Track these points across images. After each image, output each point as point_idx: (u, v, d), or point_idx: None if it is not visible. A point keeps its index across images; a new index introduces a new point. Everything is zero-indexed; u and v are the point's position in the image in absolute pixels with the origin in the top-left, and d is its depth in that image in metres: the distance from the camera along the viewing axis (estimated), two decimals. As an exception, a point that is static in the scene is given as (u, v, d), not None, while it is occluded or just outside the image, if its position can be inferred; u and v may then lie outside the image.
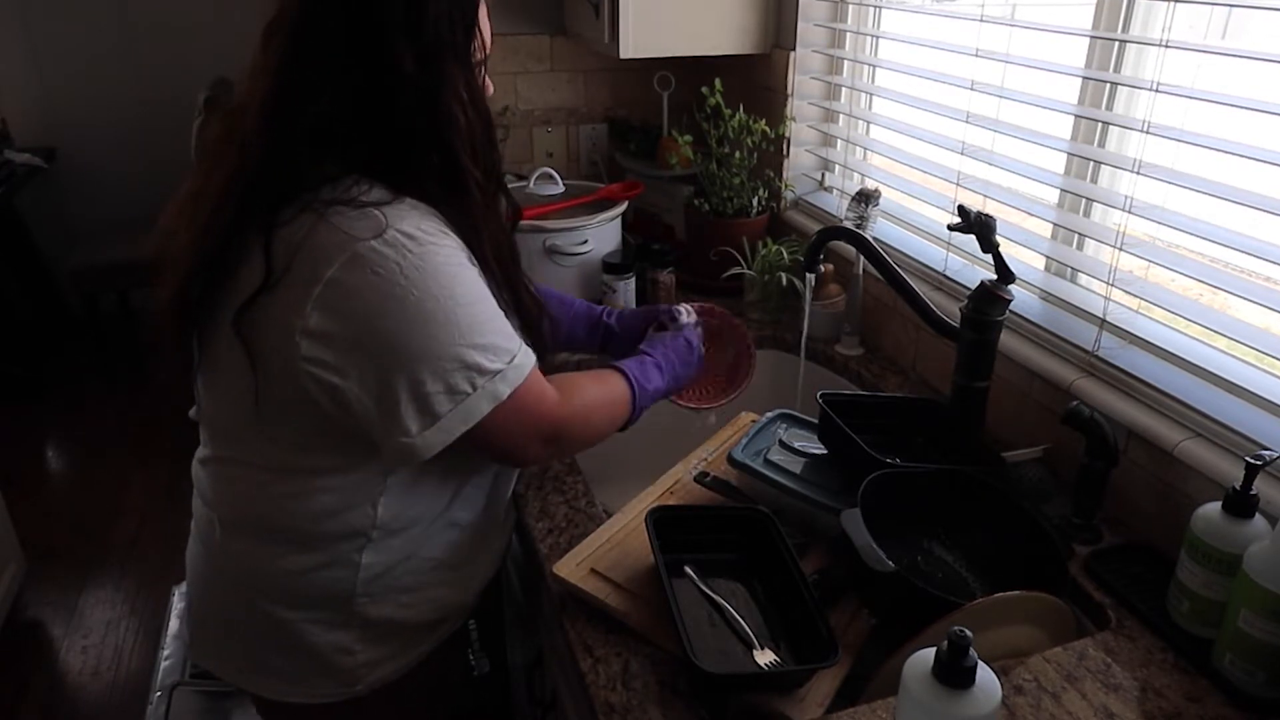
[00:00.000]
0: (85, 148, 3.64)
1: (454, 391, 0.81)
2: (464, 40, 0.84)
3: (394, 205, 0.80)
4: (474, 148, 0.86)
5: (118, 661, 2.15)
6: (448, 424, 0.82)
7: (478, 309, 0.83)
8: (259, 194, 0.81)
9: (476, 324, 0.82)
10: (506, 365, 0.84)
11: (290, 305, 0.79)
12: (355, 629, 0.93)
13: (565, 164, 2.01)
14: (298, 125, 0.81)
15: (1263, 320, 0.97)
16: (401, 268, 0.77)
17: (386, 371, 0.79)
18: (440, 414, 0.81)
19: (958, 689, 0.63)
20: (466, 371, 0.81)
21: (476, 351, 0.82)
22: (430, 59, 0.81)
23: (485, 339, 0.82)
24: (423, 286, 0.78)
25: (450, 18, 0.82)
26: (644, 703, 0.82)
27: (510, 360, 0.84)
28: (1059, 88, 1.17)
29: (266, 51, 0.83)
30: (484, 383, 0.82)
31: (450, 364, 0.80)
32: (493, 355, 0.83)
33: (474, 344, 0.81)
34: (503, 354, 0.84)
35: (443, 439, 0.82)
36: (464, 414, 0.82)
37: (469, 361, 0.81)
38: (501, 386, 0.83)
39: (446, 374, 0.80)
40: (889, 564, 0.83)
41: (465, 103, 0.84)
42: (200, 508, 0.97)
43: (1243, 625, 0.79)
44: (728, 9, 1.63)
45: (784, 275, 1.52)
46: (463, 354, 0.81)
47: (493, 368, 0.83)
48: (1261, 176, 0.91)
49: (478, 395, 0.82)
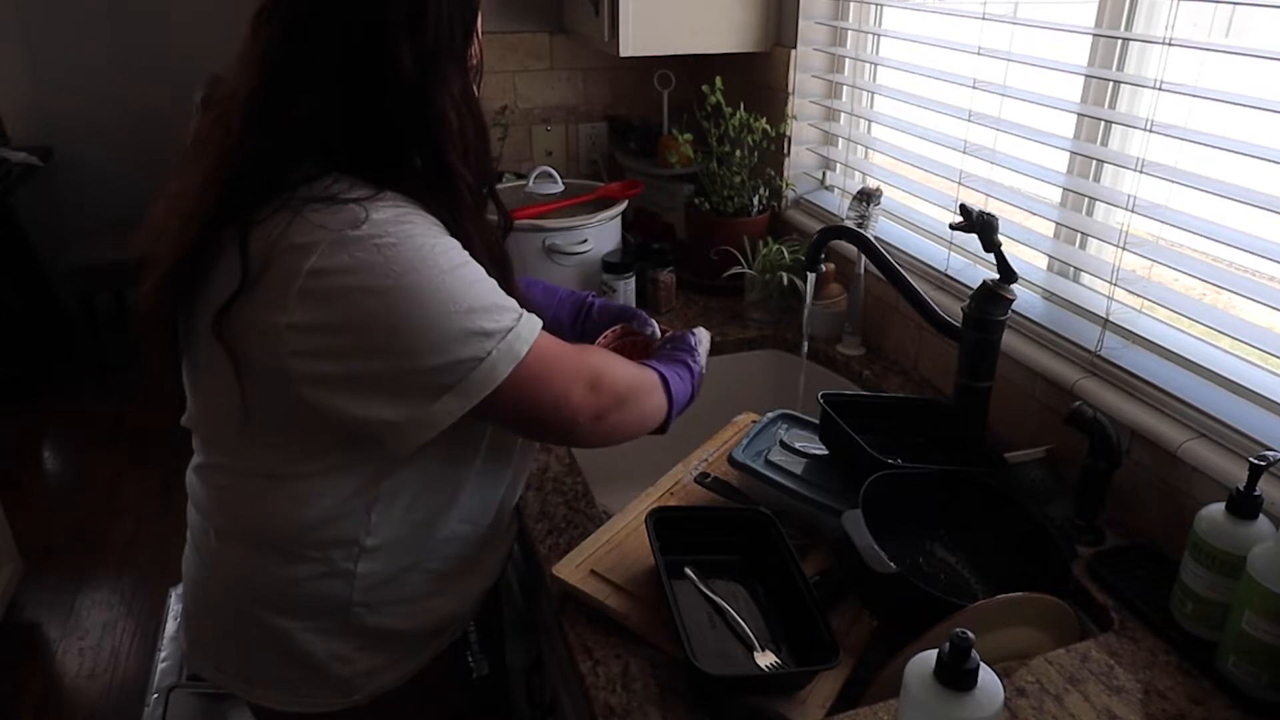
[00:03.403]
0: (81, 147, 3.63)
1: (468, 358, 0.78)
2: (463, 42, 0.83)
3: (372, 200, 0.78)
4: (465, 149, 0.84)
5: (114, 663, 2.14)
6: (462, 391, 0.78)
7: (466, 271, 0.79)
8: (238, 191, 0.79)
9: (467, 287, 0.79)
10: (515, 322, 0.80)
11: (270, 305, 0.77)
12: (352, 638, 0.92)
13: (565, 163, 2.00)
14: (282, 120, 0.79)
15: (1267, 320, 0.97)
16: (379, 248, 0.75)
17: (383, 354, 0.77)
18: (449, 384, 0.78)
19: (960, 691, 0.63)
20: (474, 335, 0.78)
21: (478, 315, 0.78)
22: (429, 58, 0.80)
23: (483, 300, 0.79)
24: (403, 261, 0.76)
25: (451, 19, 0.81)
26: (644, 704, 0.81)
27: (518, 316, 0.81)
28: (1062, 86, 1.17)
29: (255, 40, 0.80)
30: (494, 345, 0.78)
31: (450, 333, 0.77)
32: (496, 316, 0.79)
33: (471, 308, 0.78)
34: (507, 311, 0.80)
35: (457, 409, 0.79)
36: (480, 378, 0.78)
37: (471, 328, 0.78)
38: (518, 345, 0.80)
39: (448, 345, 0.77)
40: (890, 565, 0.83)
41: (459, 104, 0.83)
42: (194, 515, 0.95)
43: (1246, 627, 0.79)
44: (728, 6, 1.62)
45: (785, 275, 1.52)
46: (461, 320, 0.77)
47: (501, 327, 0.79)
48: (1265, 175, 0.91)
49: (494, 356, 0.78)
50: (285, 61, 0.79)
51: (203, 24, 3.55)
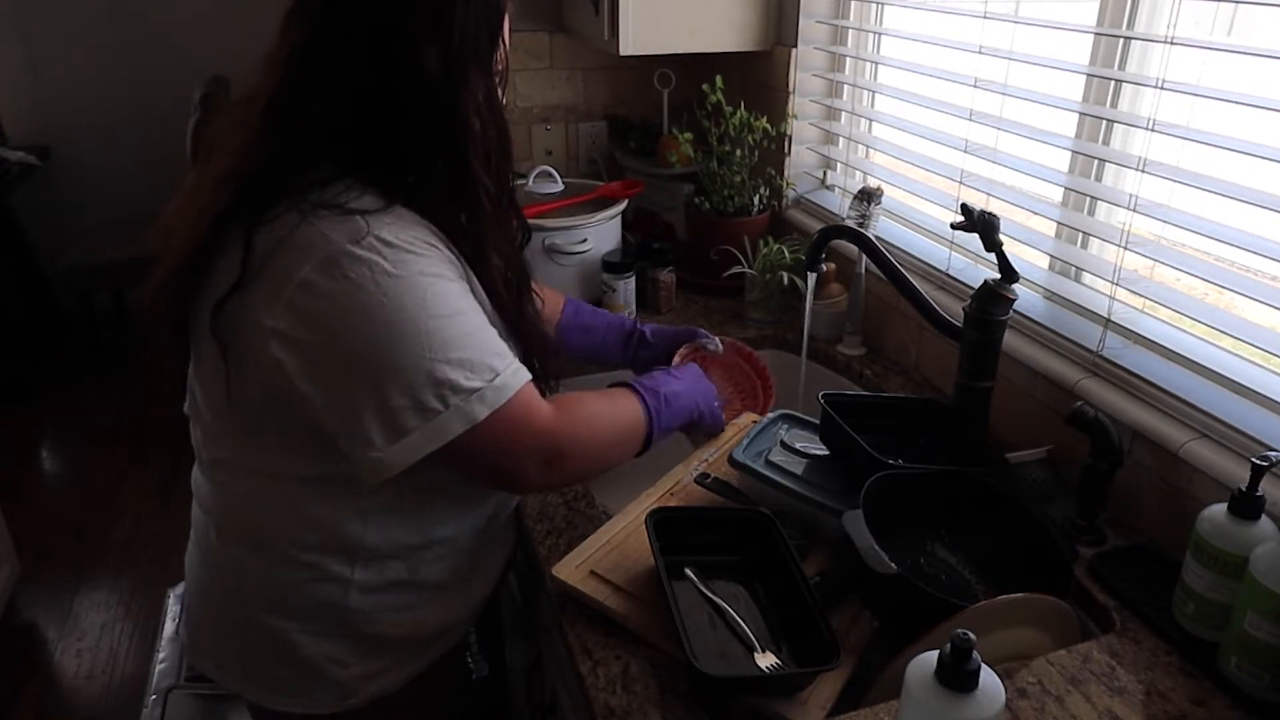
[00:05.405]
0: (80, 146, 3.62)
1: (423, 408, 0.77)
2: (488, 47, 0.83)
3: (379, 213, 0.78)
4: (487, 155, 0.84)
5: (113, 664, 2.13)
6: (415, 441, 0.78)
7: (454, 322, 0.79)
8: (251, 189, 0.79)
9: (451, 338, 0.78)
10: (486, 384, 0.79)
11: (263, 305, 0.77)
12: (349, 642, 0.91)
13: (564, 162, 2.00)
14: (301, 121, 0.79)
15: (1269, 320, 0.96)
16: (374, 274, 0.75)
17: (352, 382, 0.77)
18: (407, 429, 0.77)
19: (961, 692, 0.63)
20: (437, 387, 0.77)
21: (450, 367, 0.77)
22: (454, 62, 0.80)
23: (461, 354, 0.78)
24: (394, 295, 0.75)
25: (478, 23, 0.81)
26: (644, 705, 0.81)
27: (493, 379, 0.80)
28: (1063, 85, 1.16)
29: (283, 41, 0.81)
30: (458, 401, 0.78)
31: (418, 378, 0.77)
32: (470, 372, 0.78)
33: (447, 359, 0.77)
34: (483, 371, 0.79)
35: (409, 456, 0.78)
36: (433, 432, 0.78)
37: (440, 377, 0.77)
38: (478, 407, 0.79)
39: (415, 389, 0.77)
40: (891, 566, 0.83)
41: (482, 109, 0.83)
42: (197, 512, 0.96)
43: (1248, 628, 0.79)
44: (728, 5, 1.62)
45: (785, 274, 1.51)
46: (433, 369, 0.77)
47: (469, 385, 0.78)
48: (1267, 174, 0.90)
49: (450, 414, 0.78)
50: (308, 61, 0.79)
51: (202, 24, 3.55)
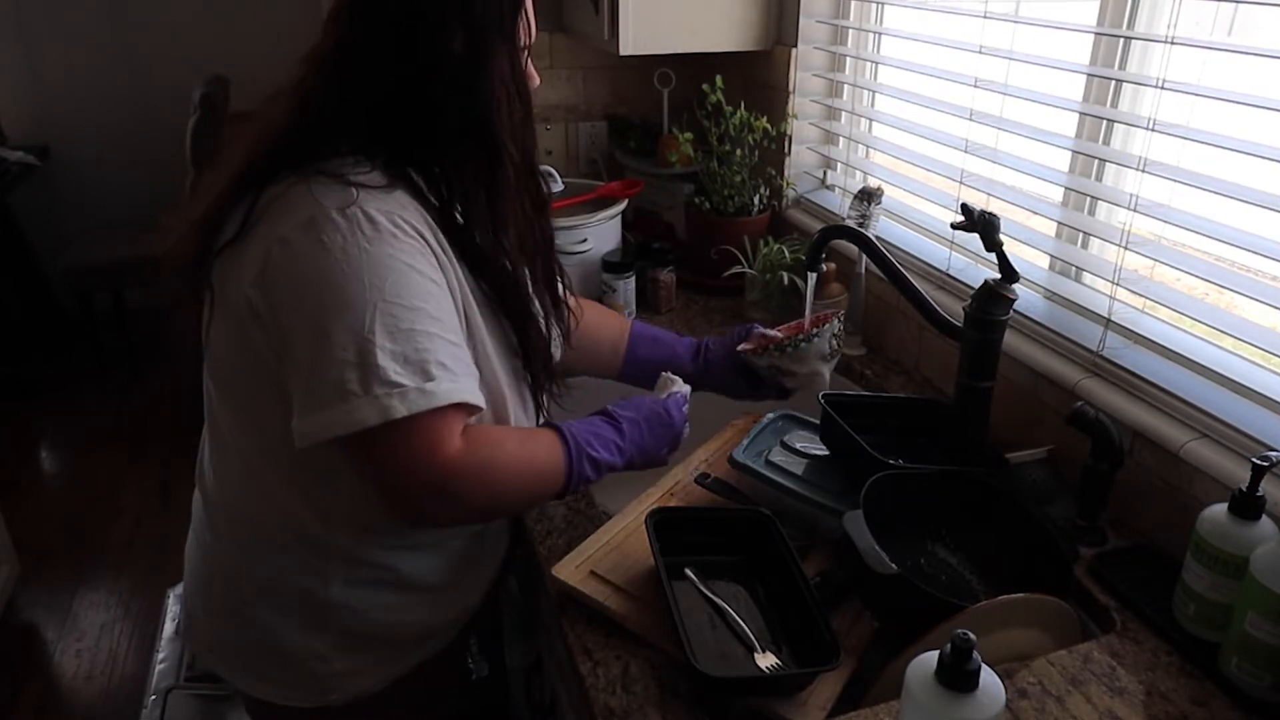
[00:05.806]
0: (79, 146, 3.62)
1: (341, 387, 0.73)
2: (510, 18, 0.84)
3: (377, 190, 0.79)
4: (513, 129, 0.85)
5: (112, 665, 2.13)
6: (325, 419, 0.74)
7: (408, 314, 0.75)
8: (271, 159, 0.81)
9: (398, 327, 0.75)
10: (414, 385, 0.74)
11: (247, 256, 0.79)
12: (331, 636, 0.91)
13: (564, 162, 2.00)
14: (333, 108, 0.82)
15: (1269, 319, 0.96)
16: (345, 243, 0.75)
17: (294, 343, 0.77)
18: (322, 405, 0.74)
19: (961, 692, 0.63)
20: (362, 370, 0.73)
21: (383, 354, 0.73)
22: (477, 36, 0.81)
23: (400, 347, 0.74)
24: (356, 266, 0.75)
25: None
26: (644, 706, 0.81)
27: (424, 382, 0.75)
28: (1063, 85, 1.16)
29: (323, 39, 0.84)
30: (380, 391, 0.73)
31: (347, 352, 0.73)
32: (401, 367, 0.74)
33: (383, 345, 0.74)
34: (417, 373, 0.75)
35: (316, 434, 0.75)
36: (343, 415, 0.73)
37: (369, 360, 0.73)
38: (397, 404, 0.73)
39: (340, 365, 0.73)
40: (891, 566, 0.82)
41: (508, 82, 0.84)
42: (196, 499, 0.98)
43: (1249, 629, 0.78)
44: (728, 5, 1.62)
45: (785, 274, 1.51)
46: (365, 349, 0.73)
47: (396, 380, 0.73)
48: (1268, 174, 0.90)
49: (365, 401, 0.73)
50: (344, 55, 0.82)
51: (202, 24, 3.55)
